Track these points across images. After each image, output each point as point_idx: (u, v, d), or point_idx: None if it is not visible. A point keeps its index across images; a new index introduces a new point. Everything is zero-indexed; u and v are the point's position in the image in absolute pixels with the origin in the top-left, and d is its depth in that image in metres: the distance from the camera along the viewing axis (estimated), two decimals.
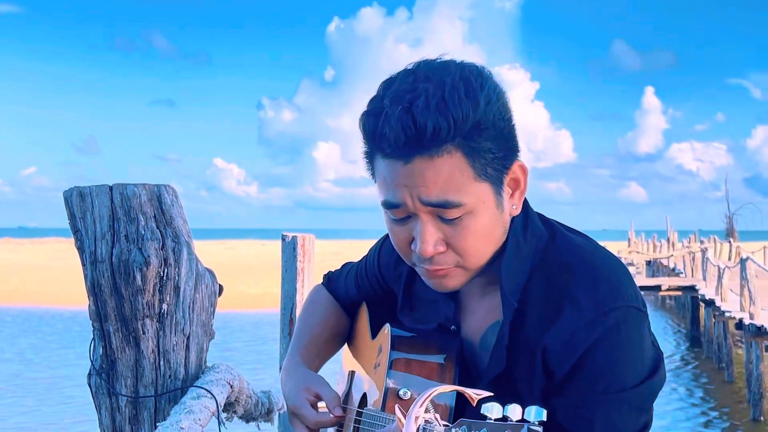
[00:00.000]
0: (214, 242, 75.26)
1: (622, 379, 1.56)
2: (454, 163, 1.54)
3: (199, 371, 1.73)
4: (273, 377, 2.49)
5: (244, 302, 32.09)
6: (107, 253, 1.64)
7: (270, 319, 29.52)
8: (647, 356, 1.59)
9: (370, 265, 2.01)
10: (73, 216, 1.68)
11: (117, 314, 1.65)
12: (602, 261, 1.64)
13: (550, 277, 1.63)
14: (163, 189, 1.68)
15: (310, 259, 4.94)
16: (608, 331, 1.55)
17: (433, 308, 1.81)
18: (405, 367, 1.75)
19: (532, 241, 1.67)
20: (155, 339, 1.67)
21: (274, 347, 19.52)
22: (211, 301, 1.77)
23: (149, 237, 1.64)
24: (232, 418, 1.96)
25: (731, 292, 21.56)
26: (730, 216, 60.61)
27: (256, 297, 34.03)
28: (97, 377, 1.69)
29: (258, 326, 28.92)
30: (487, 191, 1.58)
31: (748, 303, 17.87)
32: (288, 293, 4.90)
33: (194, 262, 1.71)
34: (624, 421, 1.56)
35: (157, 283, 1.65)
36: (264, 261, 41.17)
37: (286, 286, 4.92)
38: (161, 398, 1.67)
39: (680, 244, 43.10)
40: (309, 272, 4.93)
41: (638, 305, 1.59)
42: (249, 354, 21.62)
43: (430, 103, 1.51)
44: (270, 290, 32.54)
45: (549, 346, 1.58)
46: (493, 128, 1.55)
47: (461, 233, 1.58)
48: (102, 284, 1.64)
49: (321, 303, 2.12)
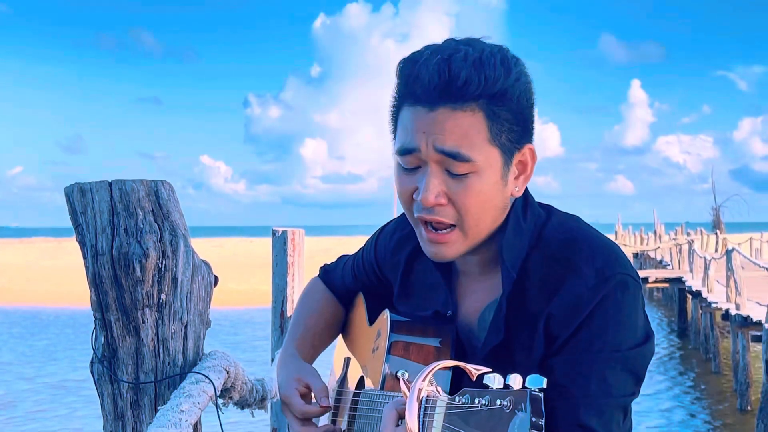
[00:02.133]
0: (202, 240, 74.71)
1: (618, 341, 1.61)
2: (474, 121, 1.61)
3: (196, 358, 1.76)
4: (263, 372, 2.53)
5: (232, 299, 31.88)
6: (108, 246, 1.67)
7: (259, 315, 29.45)
8: (641, 324, 1.65)
9: (368, 254, 2.05)
10: (74, 211, 1.71)
11: (118, 304, 1.69)
12: (596, 236, 1.71)
13: (548, 253, 1.69)
14: (160, 184, 1.72)
15: (300, 253, 4.94)
16: (608, 295, 1.61)
17: (429, 295, 1.85)
18: (403, 350, 1.79)
19: (531, 220, 1.72)
20: (154, 328, 1.70)
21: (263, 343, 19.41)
22: (207, 291, 1.80)
23: (148, 230, 1.67)
24: (228, 404, 1.99)
25: (717, 283, 21.57)
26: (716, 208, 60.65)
27: (245, 294, 33.87)
28: (99, 365, 1.72)
29: (246, 323, 28.79)
30: (497, 157, 1.64)
31: (734, 294, 17.89)
32: (279, 287, 4.91)
33: (191, 254, 1.75)
34: (616, 380, 1.61)
35: (156, 275, 1.68)
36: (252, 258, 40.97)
37: (277, 280, 4.92)
38: (161, 384, 1.70)
39: (667, 236, 43.10)
40: (299, 266, 4.94)
41: (634, 275, 1.66)
42: (237, 351, 21.53)
43: (468, 59, 1.61)
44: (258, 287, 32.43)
45: (554, 312, 1.63)
46: (516, 103, 1.64)
47: (464, 190, 1.64)
48: (103, 276, 1.68)
49: (316, 295, 2.15)
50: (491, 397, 1.33)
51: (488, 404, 1.33)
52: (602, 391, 1.60)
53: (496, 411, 1.32)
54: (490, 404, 1.33)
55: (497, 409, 1.32)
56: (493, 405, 1.33)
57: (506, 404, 1.32)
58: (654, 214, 50.00)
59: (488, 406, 1.33)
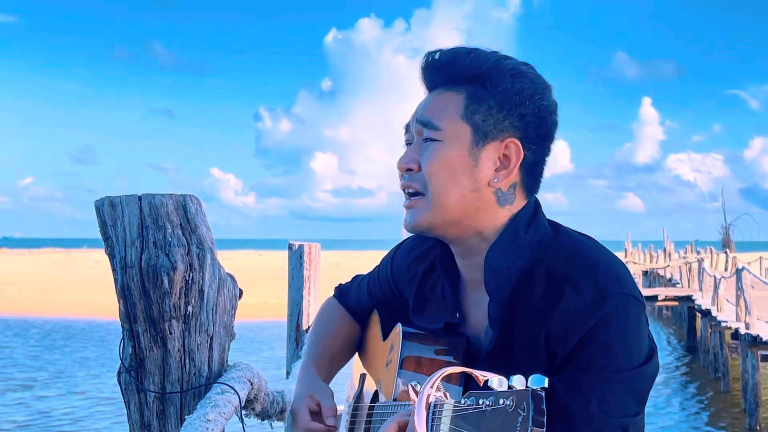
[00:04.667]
0: None
1: (619, 361, 1.61)
2: (454, 98, 1.74)
3: (221, 369, 1.78)
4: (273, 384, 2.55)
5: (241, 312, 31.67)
6: (137, 259, 1.69)
7: (269, 328, 29.43)
8: (643, 343, 1.66)
9: (384, 271, 2.08)
10: (104, 224, 1.73)
11: (145, 316, 1.71)
12: (602, 254, 1.71)
13: (551, 267, 1.69)
14: (188, 199, 1.74)
15: (316, 267, 4.94)
16: (608, 315, 1.62)
17: (440, 308, 1.88)
18: (415, 363, 1.82)
19: (535, 234, 1.74)
20: (181, 339, 1.72)
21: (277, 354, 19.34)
22: (233, 303, 1.83)
23: (176, 243, 1.70)
24: (251, 414, 2.01)
25: (727, 302, 21.50)
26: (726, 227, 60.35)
27: (254, 307, 33.84)
28: (127, 375, 1.74)
29: (256, 336, 28.76)
30: (465, 132, 1.72)
31: (744, 313, 17.83)
32: (294, 300, 4.91)
33: (217, 268, 1.77)
34: (616, 400, 1.61)
35: (183, 287, 1.70)
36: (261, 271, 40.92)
37: (293, 293, 4.92)
38: (186, 394, 1.73)
39: (677, 254, 42.90)
40: (315, 280, 4.94)
41: (636, 294, 1.67)
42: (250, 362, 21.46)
43: (465, 49, 1.75)
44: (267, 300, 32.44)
45: (552, 328, 1.65)
46: (504, 94, 1.71)
47: (430, 155, 1.73)
48: (132, 288, 1.70)
49: (333, 314, 2.18)
50: (495, 398, 1.37)
51: (492, 404, 1.37)
52: (602, 411, 1.61)
53: (500, 410, 1.35)
54: (493, 404, 1.36)
55: (501, 408, 1.35)
56: (496, 405, 1.36)
57: (509, 403, 1.35)
58: (663, 232, 49.77)
59: (492, 406, 1.36)
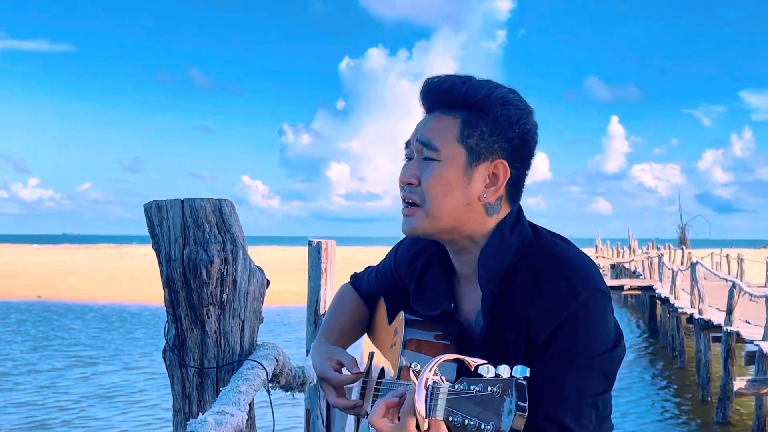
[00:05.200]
0: None
1: (589, 347, 1.61)
2: (451, 123, 1.71)
3: (251, 348, 1.77)
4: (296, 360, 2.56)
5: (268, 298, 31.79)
6: (179, 254, 1.69)
7: (292, 312, 29.48)
8: (611, 331, 1.65)
9: (388, 264, 2.07)
10: (152, 224, 1.72)
11: (187, 302, 1.70)
12: (575, 255, 1.70)
13: (532, 266, 1.69)
14: (223, 202, 1.74)
15: (331, 261, 4.93)
16: (579, 308, 1.61)
17: (437, 297, 1.86)
18: (416, 345, 1.81)
19: (518, 237, 1.73)
20: (217, 322, 1.72)
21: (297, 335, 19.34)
22: (261, 292, 1.82)
23: (213, 241, 1.69)
24: (276, 387, 2.01)
25: (683, 291, 21.51)
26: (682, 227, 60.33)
27: (278, 294, 33.92)
28: (171, 353, 1.74)
29: (281, 318, 28.82)
30: (461, 154, 1.70)
31: (698, 301, 17.83)
32: (313, 289, 4.90)
33: (248, 261, 1.77)
34: (588, 381, 1.62)
35: (219, 278, 1.69)
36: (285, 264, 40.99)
37: (312, 283, 4.91)
38: (222, 369, 1.72)
39: (640, 250, 42.87)
40: (330, 272, 4.93)
41: (604, 289, 1.66)
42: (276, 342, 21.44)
43: (460, 78, 1.73)
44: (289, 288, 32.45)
45: (532, 319, 1.64)
46: (494, 120, 1.70)
47: (428, 173, 1.70)
48: (175, 278, 1.70)
49: (347, 298, 2.17)
50: (484, 385, 1.37)
51: (481, 391, 1.37)
52: (575, 392, 1.61)
53: (488, 396, 1.36)
54: (483, 391, 1.37)
55: (489, 394, 1.36)
56: (485, 391, 1.37)
57: (496, 390, 1.36)
58: (629, 231, 49.71)
59: (481, 392, 1.37)
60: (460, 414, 1.38)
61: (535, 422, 1.59)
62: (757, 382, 11.21)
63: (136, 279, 42.70)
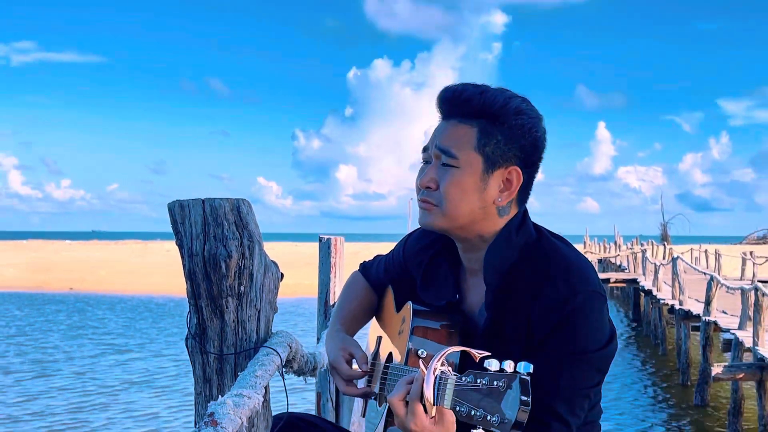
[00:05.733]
0: None
1: (585, 345, 1.61)
2: (468, 132, 1.68)
3: (266, 336, 1.77)
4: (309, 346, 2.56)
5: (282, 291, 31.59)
6: (200, 249, 1.69)
7: (304, 303, 29.47)
8: (605, 330, 1.65)
9: (397, 255, 2.06)
10: (175, 221, 1.72)
11: (207, 294, 1.70)
12: (575, 257, 1.70)
13: (534, 265, 1.68)
14: (241, 202, 1.74)
15: (340, 256, 4.93)
16: (577, 307, 1.61)
17: (443, 289, 1.86)
18: (422, 333, 1.80)
19: (522, 237, 1.72)
20: (235, 312, 1.71)
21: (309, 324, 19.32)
22: (276, 284, 1.81)
23: (231, 237, 1.69)
24: (290, 371, 2.01)
25: (665, 284, 21.44)
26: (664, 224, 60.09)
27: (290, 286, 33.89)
28: (193, 340, 1.74)
29: (294, 309, 28.83)
30: (478, 162, 1.68)
31: (678, 293, 17.78)
32: (324, 282, 4.90)
33: (263, 256, 1.76)
34: (583, 375, 1.62)
35: (237, 271, 1.69)
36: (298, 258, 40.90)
37: (323, 276, 4.91)
38: (239, 355, 1.72)
39: (625, 246, 42.73)
40: (339, 266, 4.92)
41: (600, 291, 1.66)
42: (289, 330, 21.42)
43: (477, 88, 1.70)
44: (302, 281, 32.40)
45: (532, 315, 1.64)
46: (509, 129, 1.68)
47: (447, 178, 1.69)
48: (196, 272, 1.70)
49: (357, 285, 2.17)
50: (490, 378, 1.36)
51: (488, 384, 1.36)
52: (571, 385, 1.61)
53: (494, 389, 1.35)
54: (489, 384, 1.36)
55: (494, 388, 1.35)
56: (491, 385, 1.36)
57: (501, 385, 1.35)
58: (615, 229, 49.60)
59: (487, 385, 1.36)
60: (467, 404, 1.37)
61: (533, 411, 1.59)
62: (733, 368, 11.18)
63: (161, 273, 42.70)
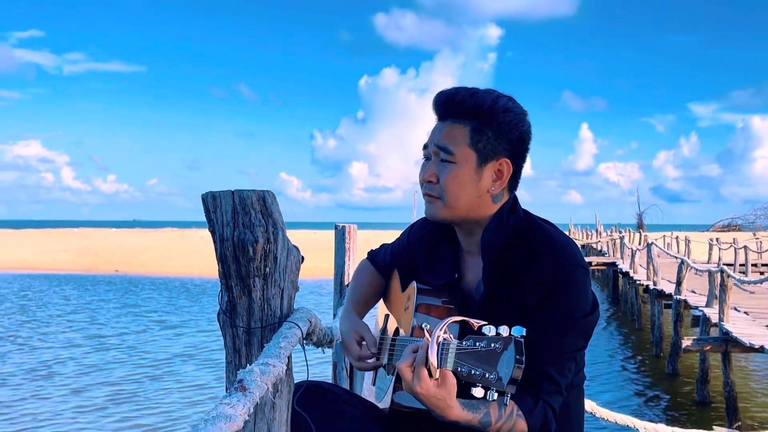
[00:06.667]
0: None
1: (571, 312, 1.62)
2: (462, 131, 1.69)
3: (289, 311, 1.77)
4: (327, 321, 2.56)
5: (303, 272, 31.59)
6: (230, 235, 1.68)
7: (321, 283, 29.53)
8: (588, 299, 1.66)
9: (402, 242, 2.07)
10: (208, 210, 1.72)
11: (236, 275, 1.69)
12: (560, 236, 1.71)
13: (524, 243, 1.69)
14: (266, 193, 1.73)
15: (354, 242, 4.94)
16: (563, 279, 1.62)
17: (444, 268, 1.86)
18: (426, 309, 1.81)
19: (513, 219, 1.73)
20: (261, 291, 1.71)
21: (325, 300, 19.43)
22: (297, 266, 1.81)
23: (257, 224, 1.68)
24: (309, 343, 2.00)
25: (641, 267, 21.41)
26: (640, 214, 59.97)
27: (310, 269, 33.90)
28: (224, 315, 1.74)
29: (313, 289, 28.89)
30: (472, 157, 1.69)
31: (653, 274, 17.75)
32: (339, 265, 4.91)
33: (286, 241, 1.76)
34: (569, 340, 1.63)
35: (263, 255, 1.69)
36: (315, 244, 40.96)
37: (338, 260, 4.92)
38: (265, 329, 1.71)
39: (605, 233, 42.68)
40: (353, 251, 4.93)
41: (584, 264, 1.67)
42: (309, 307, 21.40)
43: (468, 91, 1.71)
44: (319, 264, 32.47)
45: (524, 286, 1.64)
46: (498, 126, 1.69)
47: (446, 173, 1.70)
48: (227, 255, 1.69)
49: (366, 271, 2.18)
50: (487, 342, 1.37)
51: (485, 346, 1.36)
52: (559, 348, 1.62)
53: (491, 351, 1.35)
54: (486, 346, 1.36)
55: (492, 349, 1.35)
56: (488, 347, 1.36)
57: (498, 346, 1.35)
58: (596, 218, 49.53)
59: (485, 348, 1.36)
60: (468, 365, 1.37)
61: (526, 372, 1.59)
62: (701, 341, 11.16)
63: (195, 257, 42.87)
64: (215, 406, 1.16)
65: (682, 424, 9.56)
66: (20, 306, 24.01)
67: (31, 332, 18.77)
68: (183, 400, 11.87)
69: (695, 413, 11.38)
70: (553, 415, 1.63)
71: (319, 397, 1.89)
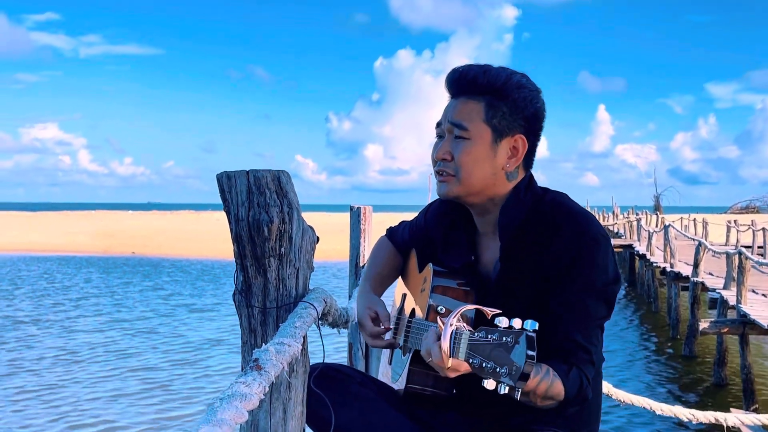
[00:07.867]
0: None
1: (594, 280, 1.62)
2: (476, 107, 1.68)
3: (304, 292, 1.77)
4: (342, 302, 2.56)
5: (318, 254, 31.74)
6: (245, 215, 1.67)
7: (336, 265, 29.62)
8: (611, 267, 1.65)
9: (420, 222, 2.06)
10: (223, 190, 1.71)
11: (252, 255, 1.69)
12: (579, 207, 1.70)
13: (543, 217, 1.68)
14: (281, 173, 1.72)
15: (369, 223, 4.94)
16: (585, 248, 1.62)
17: (460, 250, 1.85)
18: (442, 291, 1.79)
19: (530, 196, 1.72)
20: (277, 271, 1.70)
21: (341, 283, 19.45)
22: (312, 246, 1.80)
23: (272, 204, 1.67)
24: (325, 323, 2.00)
25: (657, 249, 21.25)
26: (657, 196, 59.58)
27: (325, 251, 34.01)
28: (239, 295, 1.73)
29: (328, 270, 28.99)
30: (487, 133, 1.68)
31: (669, 256, 17.63)
32: (354, 246, 4.92)
33: (301, 221, 1.75)
34: (594, 307, 1.63)
35: (278, 235, 1.68)
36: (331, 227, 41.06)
37: (353, 241, 4.92)
38: (281, 309, 1.71)
39: (622, 215, 42.41)
40: (368, 232, 4.94)
41: (604, 233, 1.66)
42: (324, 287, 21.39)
43: (481, 67, 1.69)
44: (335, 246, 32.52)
45: (546, 260, 1.64)
46: (513, 102, 1.67)
47: (460, 149, 1.69)
48: (242, 235, 1.69)
49: (384, 248, 2.16)
50: (500, 334, 1.36)
51: (497, 339, 1.36)
52: (585, 315, 1.62)
53: (503, 344, 1.35)
54: (498, 339, 1.36)
55: (503, 342, 1.35)
56: (500, 340, 1.35)
57: (510, 340, 1.34)
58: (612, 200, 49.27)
59: (497, 340, 1.36)
60: (479, 357, 1.37)
61: (556, 341, 1.59)
62: (718, 323, 11.08)
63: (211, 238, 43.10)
64: (230, 385, 1.16)
65: (698, 407, 9.53)
66: (43, 289, 24.14)
67: (57, 315, 18.80)
68: (214, 389, 11.75)
69: (712, 395, 11.34)
70: (588, 383, 1.61)
71: (333, 379, 1.89)
